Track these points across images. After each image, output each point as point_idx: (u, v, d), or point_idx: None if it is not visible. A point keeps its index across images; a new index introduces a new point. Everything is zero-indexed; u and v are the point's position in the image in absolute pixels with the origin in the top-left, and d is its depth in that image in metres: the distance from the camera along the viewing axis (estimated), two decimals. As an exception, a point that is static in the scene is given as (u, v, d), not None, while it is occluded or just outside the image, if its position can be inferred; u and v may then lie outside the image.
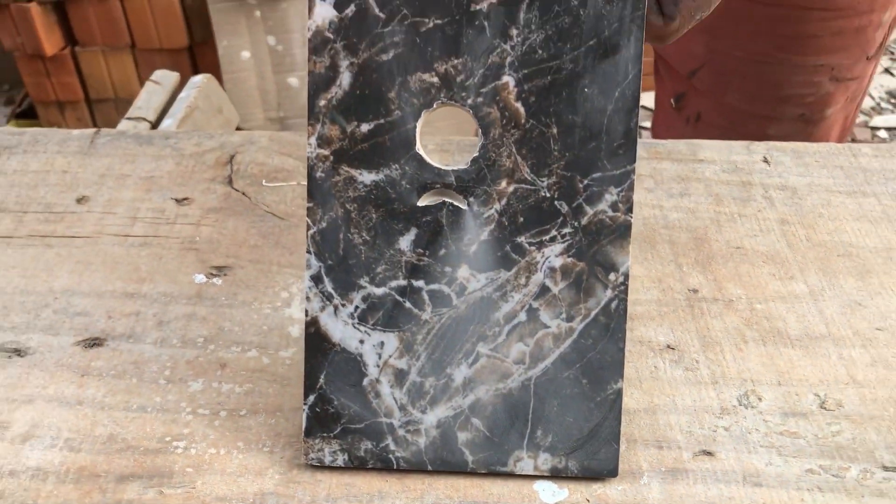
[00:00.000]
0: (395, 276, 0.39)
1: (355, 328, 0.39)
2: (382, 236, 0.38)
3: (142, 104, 0.72)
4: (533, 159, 0.37)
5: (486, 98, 0.37)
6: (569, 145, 0.37)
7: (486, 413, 0.39)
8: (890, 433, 0.42)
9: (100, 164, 0.61)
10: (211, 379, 0.44)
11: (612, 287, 0.38)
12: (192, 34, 1.85)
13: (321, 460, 0.39)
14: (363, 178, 0.38)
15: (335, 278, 0.39)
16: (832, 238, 0.55)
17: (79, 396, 0.43)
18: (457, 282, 0.39)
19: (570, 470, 0.38)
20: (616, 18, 0.36)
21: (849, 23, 0.69)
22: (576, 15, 0.36)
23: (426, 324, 0.39)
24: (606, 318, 0.38)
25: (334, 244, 0.39)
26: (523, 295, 0.38)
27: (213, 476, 0.39)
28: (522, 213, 0.38)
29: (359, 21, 0.37)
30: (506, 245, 0.38)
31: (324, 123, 0.38)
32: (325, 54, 0.37)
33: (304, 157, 0.61)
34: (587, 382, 0.39)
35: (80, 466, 0.39)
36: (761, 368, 0.45)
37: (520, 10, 0.36)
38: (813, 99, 0.73)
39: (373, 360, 0.39)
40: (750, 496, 0.39)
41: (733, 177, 0.60)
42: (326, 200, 0.38)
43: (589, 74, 0.37)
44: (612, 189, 0.37)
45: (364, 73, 0.37)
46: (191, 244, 0.53)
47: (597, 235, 0.38)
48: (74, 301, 0.49)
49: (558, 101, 0.37)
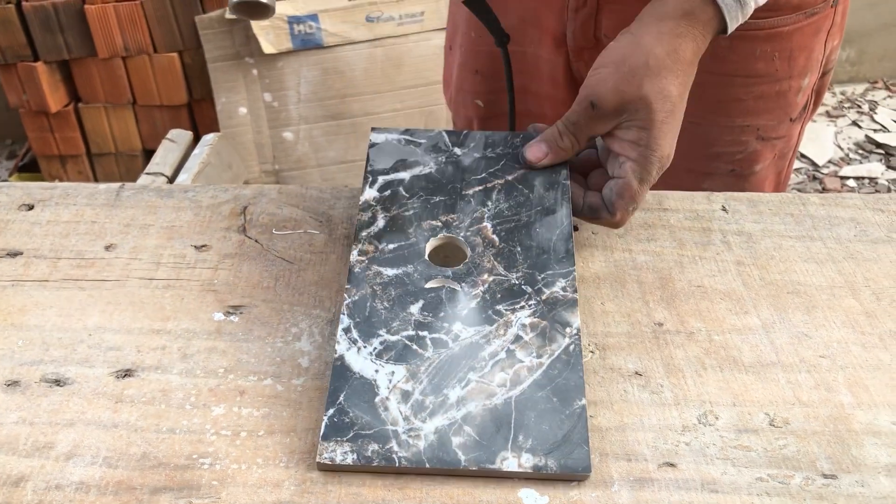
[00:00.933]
0: (406, 328, 0.51)
1: (373, 362, 0.49)
2: (398, 305, 0.53)
3: (159, 160, 0.78)
4: (504, 264, 0.56)
5: (472, 233, 0.58)
6: (528, 257, 0.56)
7: (475, 422, 0.46)
8: (830, 446, 0.48)
9: (125, 214, 0.67)
10: (231, 404, 0.49)
11: (569, 336, 0.51)
12: (192, 91, 1.93)
13: (333, 459, 0.44)
14: (387, 272, 0.55)
15: (361, 329, 0.51)
16: (783, 277, 0.61)
17: (114, 420, 0.48)
18: (452, 332, 0.51)
19: (550, 467, 0.44)
20: (552, 198, 0.60)
21: (770, 88, 0.76)
22: (527, 195, 0.60)
23: (428, 359, 0.50)
24: (567, 356, 0.50)
25: (362, 309, 0.52)
26: (503, 341, 0.51)
27: (235, 488, 0.44)
28: (500, 292, 0.54)
29: (392, 197, 0.60)
30: (489, 310, 0.53)
31: (363, 243, 0.57)
32: (368, 211, 0.59)
33: (309, 208, 0.67)
34: (557, 400, 0.47)
35: (118, 480, 0.44)
36: (718, 391, 0.51)
37: (493, 193, 0.60)
38: (742, 156, 0.79)
39: (385, 383, 0.48)
40: (707, 500, 0.44)
41: (695, 223, 0.67)
42: (360, 284, 0.54)
43: (538, 223, 0.58)
44: (560, 280, 0.55)
45: (393, 220, 0.58)
46: (210, 286, 0.59)
47: (553, 305, 0.53)
48: (106, 337, 0.54)
49: (519, 235, 0.57)
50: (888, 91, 2.52)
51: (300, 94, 1.83)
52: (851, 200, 0.71)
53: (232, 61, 1.81)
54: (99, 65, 1.87)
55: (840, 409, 0.50)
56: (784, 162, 0.84)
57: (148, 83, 1.90)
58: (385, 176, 0.62)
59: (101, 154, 2.02)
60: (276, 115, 1.85)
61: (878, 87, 2.55)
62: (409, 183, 0.61)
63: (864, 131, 2.34)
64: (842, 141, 2.31)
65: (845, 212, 0.69)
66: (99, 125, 1.97)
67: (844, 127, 2.37)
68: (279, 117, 1.85)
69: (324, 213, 0.67)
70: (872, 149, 2.27)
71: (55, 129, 1.94)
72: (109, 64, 1.87)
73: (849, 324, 0.57)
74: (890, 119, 2.38)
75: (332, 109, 1.85)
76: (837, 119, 2.41)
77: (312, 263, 0.62)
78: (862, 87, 2.54)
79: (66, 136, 1.96)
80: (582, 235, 0.65)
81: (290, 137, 1.87)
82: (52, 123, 1.93)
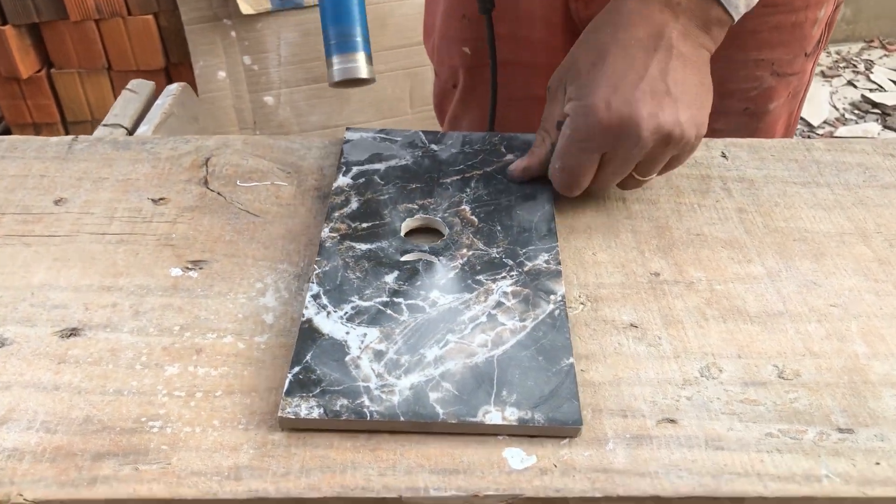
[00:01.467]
0: (380, 295, 0.48)
1: (343, 325, 0.46)
2: (372, 275, 0.49)
3: (118, 111, 0.73)
4: (484, 240, 0.53)
5: (450, 214, 0.55)
6: (509, 235, 0.53)
7: (455, 379, 0.42)
8: (845, 398, 0.44)
9: (77, 168, 0.62)
10: (187, 363, 0.45)
11: (553, 302, 0.48)
12: (169, 55, 1.87)
13: (297, 414, 0.40)
14: (360, 247, 0.52)
15: (331, 296, 0.48)
16: (788, 224, 0.57)
17: (55, 382, 0.43)
18: (429, 299, 0.48)
19: (537, 420, 0.40)
20: (532, 187, 0.57)
21: (786, 18, 0.72)
22: (507, 184, 0.58)
23: (403, 322, 0.46)
24: (552, 319, 0.46)
25: (333, 278, 0.49)
26: (483, 306, 0.47)
27: (188, 453, 0.40)
28: (479, 265, 0.50)
29: (367, 183, 0.57)
30: (468, 280, 0.49)
31: (335, 222, 0.54)
32: (342, 195, 0.56)
33: (277, 159, 0.62)
34: (543, 359, 0.43)
35: (57, 447, 0.40)
36: (722, 343, 0.47)
37: (471, 182, 0.58)
38: (756, 93, 0.75)
39: (356, 343, 0.44)
40: (712, 458, 0.40)
41: (693, 171, 0.62)
42: (331, 256, 0.51)
43: (518, 206, 0.56)
44: (543, 254, 0.51)
45: (367, 203, 0.55)
46: (167, 241, 0.54)
47: (536, 276, 0.50)
48: (52, 295, 0.50)
49: (499, 216, 0.55)
50: (884, 50, 2.47)
51: (280, 56, 1.76)
52: (859, 145, 0.66)
53: (209, 23, 1.74)
54: (71, 28, 1.80)
55: (855, 360, 0.46)
56: (796, 102, 0.80)
57: (123, 47, 1.83)
58: (360, 166, 0.59)
59: (77, 122, 1.95)
60: (255, 79, 1.79)
61: (875, 46, 2.49)
62: (385, 172, 0.59)
63: (859, 91, 2.29)
64: (837, 101, 2.26)
65: (853, 157, 0.65)
66: (73, 92, 1.90)
67: (840, 87, 2.32)
68: (259, 81, 1.79)
69: (293, 163, 0.62)
70: (868, 109, 2.22)
71: (27, 97, 1.87)
72: (82, 27, 1.80)
73: (861, 271, 0.53)
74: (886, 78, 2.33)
75: (313, 72, 1.79)
76: (833, 79, 2.35)
77: (280, 216, 0.57)
78: (858, 46, 2.49)
79: (39, 104, 1.89)
80: (572, 182, 0.60)
81: (271, 102, 1.81)
82: (23, 90, 1.86)
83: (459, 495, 0.38)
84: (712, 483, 0.39)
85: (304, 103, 1.82)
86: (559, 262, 0.51)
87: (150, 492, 0.38)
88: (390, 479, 0.39)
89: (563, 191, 0.56)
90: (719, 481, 0.39)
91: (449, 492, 0.38)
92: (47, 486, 0.38)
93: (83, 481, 0.38)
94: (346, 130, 0.64)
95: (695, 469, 0.40)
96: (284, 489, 0.38)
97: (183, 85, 0.76)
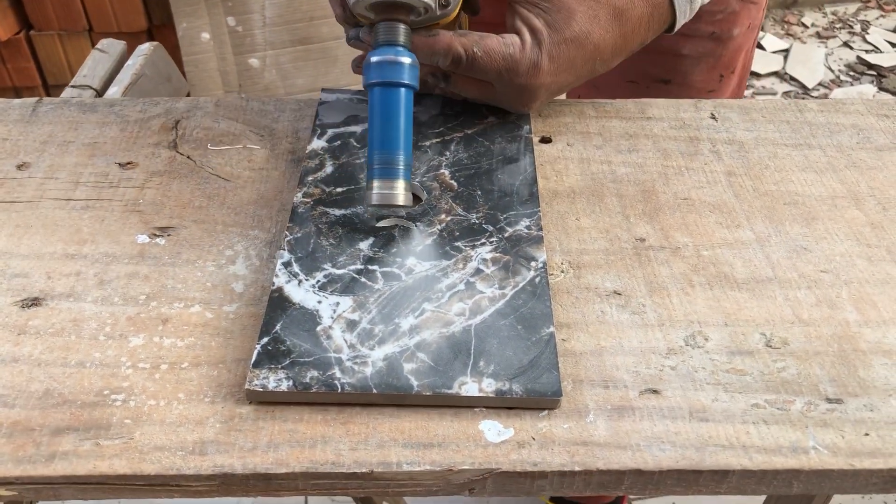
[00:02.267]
0: (354, 262, 0.46)
1: (315, 294, 0.44)
2: (346, 241, 0.47)
3: (87, 72, 0.70)
4: (464, 205, 0.51)
5: (429, 178, 0.53)
6: (489, 199, 0.51)
7: (430, 349, 0.41)
8: (834, 367, 0.42)
9: (42, 131, 0.59)
10: (152, 334, 0.43)
11: (534, 269, 0.46)
12: (151, 16, 1.82)
13: (265, 386, 0.38)
14: (334, 212, 0.49)
15: (303, 264, 0.46)
16: (778, 188, 0.55)
17: (14, 354, 0.42)
18: (405, 266, 0.46)
19: (515, 391, 0.38)
20: (515, 149, 0.56)
21: None
22: (487, 147, 0.56)
23: (378, 291, 0.44)
24: (532, 287, 0.45)
25: (305, 245, 0.47)
26: (462, 273, 0.46)
27: (151, 427, 0.38)
28: (458, 230, 0.49)
29: (342, 146, 0.55)
30: (446, 247, 0.47)
31: (309, 186, 0.51)
32: (316, 159, 0.54)
33: (250, 122, 0.60)
34: (522, 328, 0.42)
35: (14, 421, 0.38)
36: (708, 311, 0.45)
37: (451, 145, 0.56)
38: (721, 17, 0.76)
39: (328, 313, 0.42)
40: (697, 430, 0.39)
41: (681, 133, 0.60)
42: (303, 222, 0.49)
43: (499, 170, 0.54)
44: (525, 220, 0.49)
45: (342, 168, 0.53)
46: (134, 206, 0.52)
47: (517, 242, 0.48)
48: (12, 263, 0.48)
49: (480, 180, 0.53)
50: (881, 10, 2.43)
51: (265, 17, 1.72)
52: (853, 106, 0.64)
53: (191, -17, 1.69)
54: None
55: (845, 328, 0.44)
56: (752, 36, 0.81)
57: (104, 8, 1.78)
58: (335, 129, 0.57)
59: (58, 86, 1.91)
60: (240, 41, 1.75)
61: (871, 7, 2.45)
62: (361, 135, 0.57)
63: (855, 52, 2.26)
64: (832, 63, 2.23)
65: (846, 118, 0.63)
66: (54, 54, 1.86)
67: (835, 48, 2.28)
68: (244, 43, 1.75)
69: (266, 126, 0.60)
70: (864, 70, 2.19)
71: (7, 60, 1.83)
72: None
73: (853, 236, 0.51)
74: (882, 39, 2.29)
75: (299, 33, 1.75)
76: (828, 40, 2.32)
77: (252, 181, 0.55)
78: (854, 6, 2.44)
79: (19, 67, 1.85)
80: (556, 147, 0.58)
81: (257, 64, 1.77)
82: (2, 53, 1.82)
83: (433, 469, 0.37)
84: (696, 456, 0.38)
85: (291, 65, 1.78)
86: (541, 227, 0.49)
87: (111, 468, 0.36)
88: (362, 453, 0.37)
89: (422, 87, 0.57)
90: (703, 454, 0.38)
91: (422, 466, 0.37)
92: (2, 463, 0.36)
93: (41, 457, 0.37)
94: (322, 91, 0.61)
95: (678, 441, 0.38)
96: (251, 464, 0.37)
97: (155, 44, 0.73)
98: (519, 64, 0.53)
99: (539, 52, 0.53)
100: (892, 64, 2.20)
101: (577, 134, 0.59)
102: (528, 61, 0.53)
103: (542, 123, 0.60)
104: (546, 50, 0.53)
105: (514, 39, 0.54)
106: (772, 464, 0.37)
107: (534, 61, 0.53)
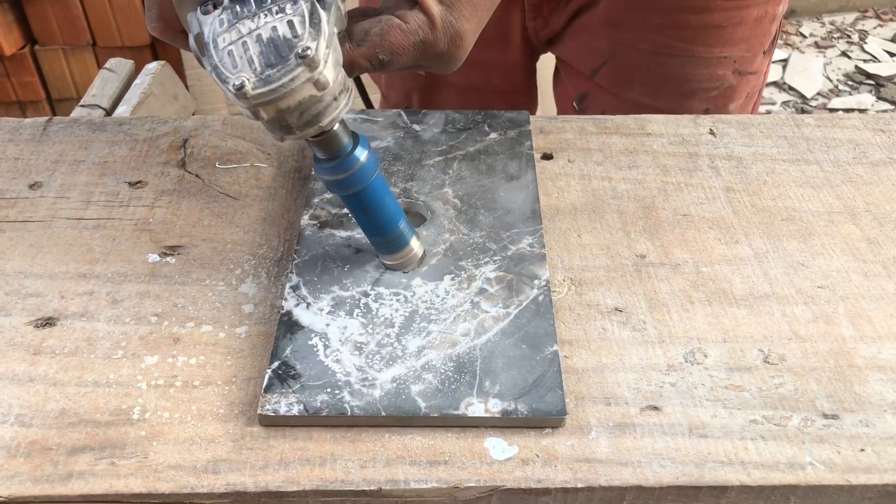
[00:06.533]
0: (361, 284, 0.47)
1: (323, 317, 0.45)
2: (353, 263, 0.49)
3: (96, 92, 0.71)
4: (467, 224, 0.52)
5: (432, 198, 0.54)
6: (492, 217, 0.52)
7: (437, 370, 0.42)
8: (830, 383, 0.43)
9: (53, 150, 0.60)
10: (165, 354, 0.44)
11: (537, 288, 0.47)
12: (153, 31, 1.84)
13: (276, 411, 0.39)
14: (340, 234, 0.51)
15: (311, 287, 0.47)
16: (776, 203, 0.56)
17: (30, 374, 0.43)
18: (411, 288, 0.47)
19: (520, 412, 0.39)
20: (517, 166, 0.57)
21: (748, 13, 0.72)
22: (490, 164, 0.57)
23: (385, 313, 0.45)
24: (536, 306, 0.46)
25: (313, 268, 0.48)
26: (466, 293, 0.47)
27: (165, 445, 0.39)
28: (462, 250, 0.50)
29: None
30: (450, 266, 0.49)
31: (315, 209, 0.53)
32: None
33: (256, 140, 0.61)
34: (526, 347, 0.43)
35: (31, 441, 0.39)
36: (707, 327, 0.46)
37: (454, 163, 0.57)
38: (717, 93, 0.75)
39: (336, 336, 0.44)
40: (696, 446, 0.40)
41: (680, 149, 0.61)
42: (311, 246, 0.50)
43: (502, 188, 0.55)
44: (527, 237, 0.50)
45: None
46: (144, 225, 0.53)
47: (520, 260, 0.49)
48: (26, 283, 0.49)
49: (483, 199, 0.54)
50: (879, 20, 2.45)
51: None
52: (850, 121, 0.65)
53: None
54: (54, 3, 1.77)
55: (841, 343, 0.45)
56: (751, 103, 0.80)
57: (108, 22, 1.80)
58: None
59: (63, 100, 1.92)
60: (242, 54, 1.76)
61: (869, 16, 2.47)
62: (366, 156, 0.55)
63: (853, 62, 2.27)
64: (831, 72, 2.24)
65: (843, 133, 0.64)
66: (58, 69, 1.87)
67: (833, 58, 2.30)
68: (246, 56, 1.76)
69: (272, 144, 0.61)
70: (862, 79, 2.20)
71: (11, 74, 1.85)
72: (65, 3, 1.76)
73: (849, 251, 0.52)
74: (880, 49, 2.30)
75: (301, 47, 1.76)
76: (826, 50, 2.33)
77: (259, 199, 0.56)
78: (852, 16, 2.46)
79: (23, 81, 1.86)
80: (557, 164, 0.59)
81: (259, 77, 1.78)
82: (7, 67, 1.83)
83: (440, 487, 0.38)
84: (695, 472, 0.39)
85: (292, 78, 1.80)
86: (543, 244, 0.50)
87: (126, 487, 0.37)
88: (370, 471, 0.38)
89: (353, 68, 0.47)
90: (702, 470, 0.39)
91: (430, 483, 0.38)
92: (21, 483, 0.37)
93: (58, 476, 0.38)
94: None
95: (678, 458, 0.39)
96: (263, 482, 0.38)
97: (162, 63, 0.74)
98: (436, 45, 0.46)
99: (453, 20, 0.46)
100: (890, 73, 2.21)
101: (577, 150, 0.60)
102: (445, 36, 0.46)
103: (544, 140, 0.61)
104: (458, 13, 0.46)
105: (420, 19, 0.45)
106: (769, 479, 0.38)
107: (452, 34, 0.46)
